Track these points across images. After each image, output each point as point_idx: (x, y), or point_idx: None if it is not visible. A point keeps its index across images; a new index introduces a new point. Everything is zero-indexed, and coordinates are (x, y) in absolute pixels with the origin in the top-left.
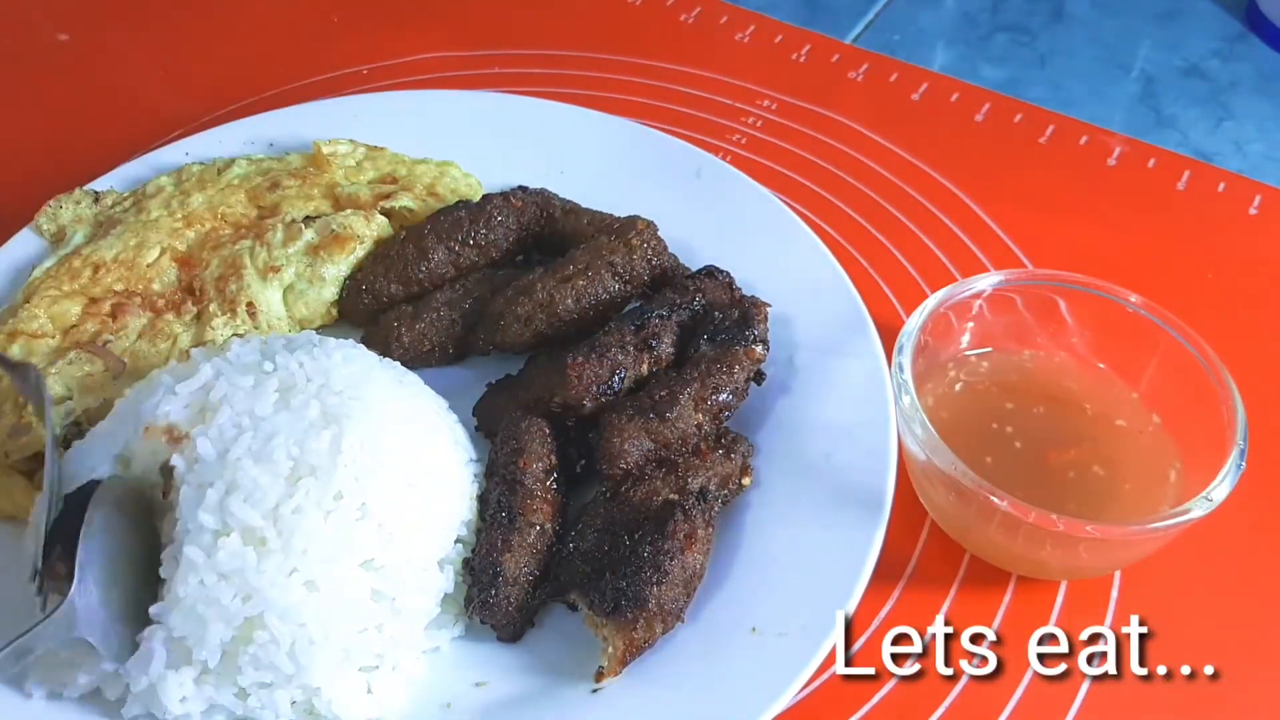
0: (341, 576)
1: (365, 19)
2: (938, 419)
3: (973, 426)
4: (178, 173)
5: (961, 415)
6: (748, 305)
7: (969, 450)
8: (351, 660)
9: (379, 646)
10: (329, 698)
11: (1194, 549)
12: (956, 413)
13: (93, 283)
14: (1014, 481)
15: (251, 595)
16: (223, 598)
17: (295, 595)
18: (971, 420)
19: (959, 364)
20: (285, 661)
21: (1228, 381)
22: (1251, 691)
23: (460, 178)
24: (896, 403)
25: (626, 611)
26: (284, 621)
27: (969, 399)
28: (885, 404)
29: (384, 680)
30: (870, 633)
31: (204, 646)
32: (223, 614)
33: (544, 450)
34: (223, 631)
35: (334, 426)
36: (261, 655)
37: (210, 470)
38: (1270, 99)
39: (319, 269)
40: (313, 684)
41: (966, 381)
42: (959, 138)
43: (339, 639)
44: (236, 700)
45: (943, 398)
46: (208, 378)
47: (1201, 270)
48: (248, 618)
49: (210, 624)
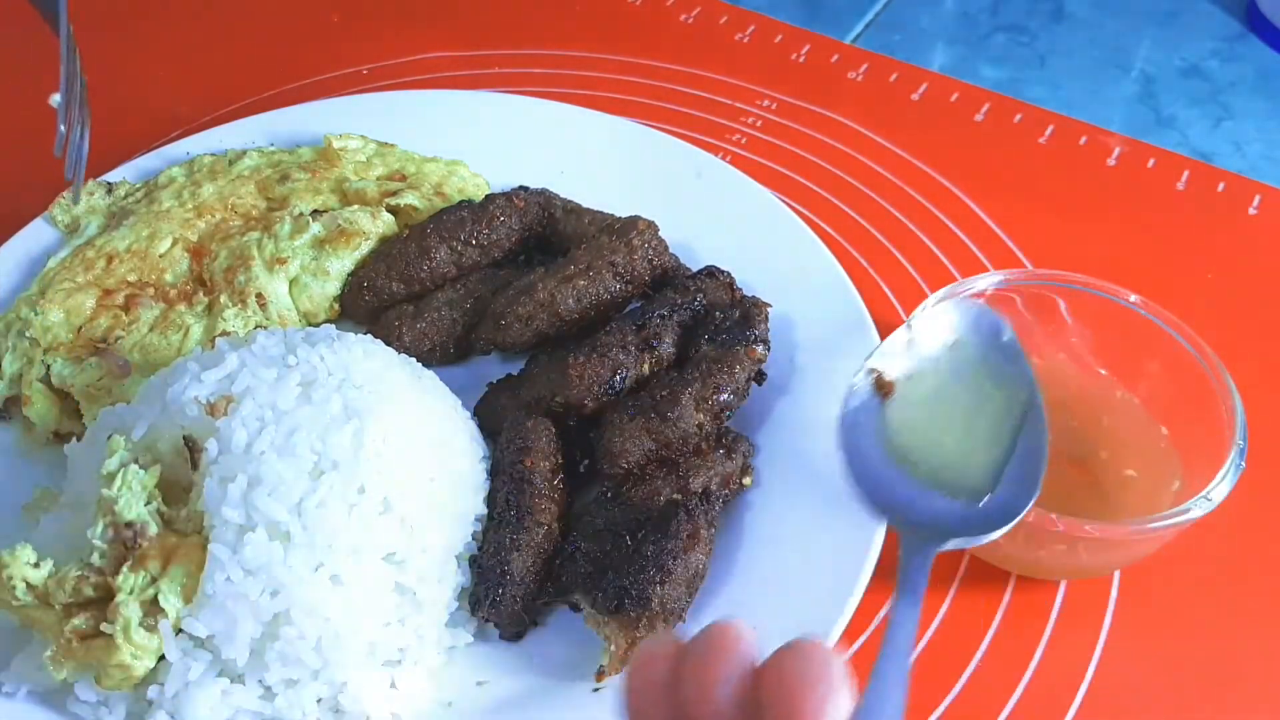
0: (365, 570)
1: (365, 19)
2: None
3: None
4: (189, 163)
5: None
6: (748, 305)
7: None
8: (376, 655)
9: (401, 640)
10: (355, 693)
11: (1194, 549)
12: None
13: (106, 274)
14: None
15: (279, 590)
16: (250, 593)
17: (321, 590)
18: None
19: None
20: (312, 657)
21: (1227, 381)
22: (1252, 691)
23: (468, 177)
24: None
25: (629, 610)
26: (310, 616)
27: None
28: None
29: (407, 675)
30: (870, 632)
31: (233, 644)
32: (252, 610)
33: (550, 449)
34: (252, 628)
35: (355, 421)
36: (289, 651)
37: (234, 464)
38: (1270, 99)
39: (324, 263)
40: (339, 679)
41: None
42: (959, 138)
43: (364, 633)
44: (263, 701)
45: None
46: (233, 368)
47: (1201, 270)
48: (276, 614)
49: (240, 621)
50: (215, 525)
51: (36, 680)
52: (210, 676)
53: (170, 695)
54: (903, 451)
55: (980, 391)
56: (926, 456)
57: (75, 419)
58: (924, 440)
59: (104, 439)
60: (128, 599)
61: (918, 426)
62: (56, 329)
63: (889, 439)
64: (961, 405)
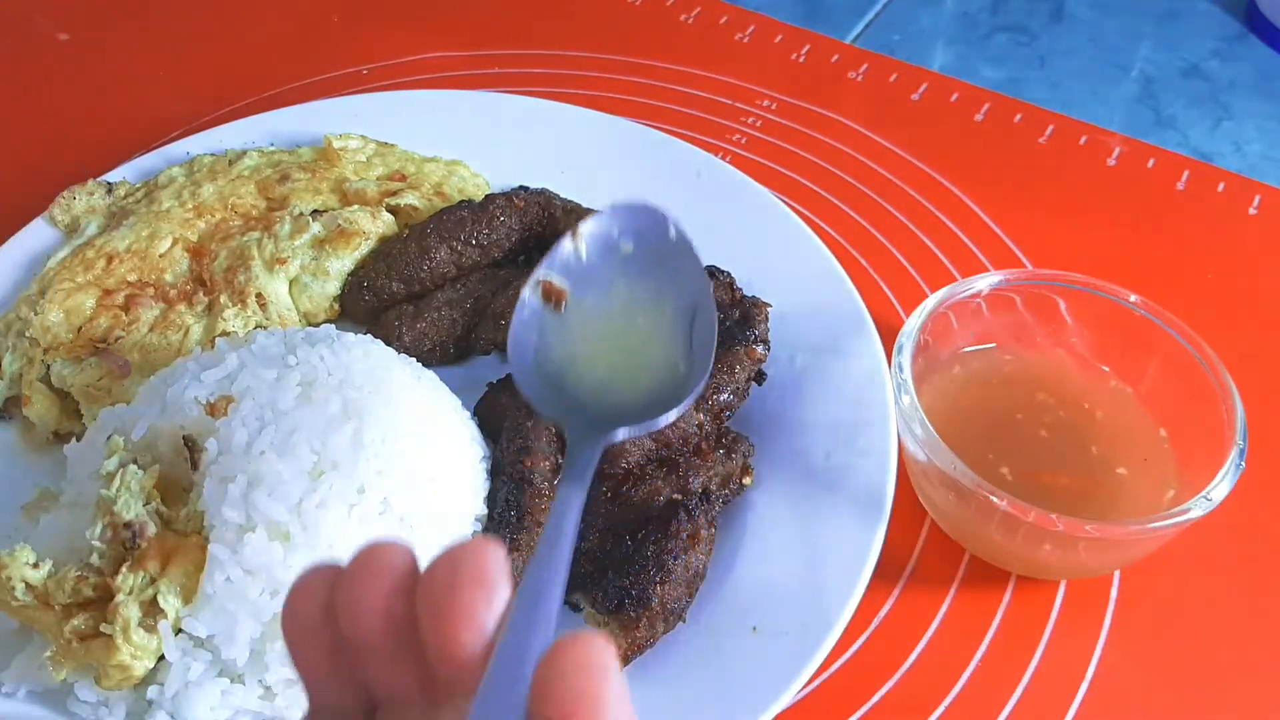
0: None
1: (365, 19)
2: (937, 419)
3: (972, 426)
4: (189, 163)
5: (961, 415)
6: (748, 305)
7: (968, 450)
8: None
9: None
10: None
11: (1194, 549)
12: (956, 413)
13: (106, 274)
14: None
15: (279, 590)
16: (250, 593)
17: None
18: (971, 420)
19: (959, 363)
20: None
21: (1227, 381)
22: (1252, 691)
23: (469, 177)
24: (896, 403)
25: (630, 610)
26: None
27: (969, 399)
28: (885, 404)
29: None
30: (870, 632)
31: (233, 644)
32: (252, 610)
33: (551, 449)
34: (252, 628)
35: (355, 421)
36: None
37: (234, 464)
38: (1270, 99)
39: (324, 263)
40: None
41: (966, 381)
42: (959, 138)
43: None
44: (263, 701)
45: (942, 397)
46: (233, 368)
47: (1201, 270)
48: (275, 614)
49: (240, 621)
50: (215, 525)
51: (36, 680)
52: (210, 676)
53: (170, 695)
54: (576, 354)
55: (651, 289)
56: (601, 356)
57: (75, 419)
58: (598, 342)
59: (104, 439)
60: (127, 599)
61: (590, 329)
62: (56, 329)
63: (563, 344)
64: (633, 305)
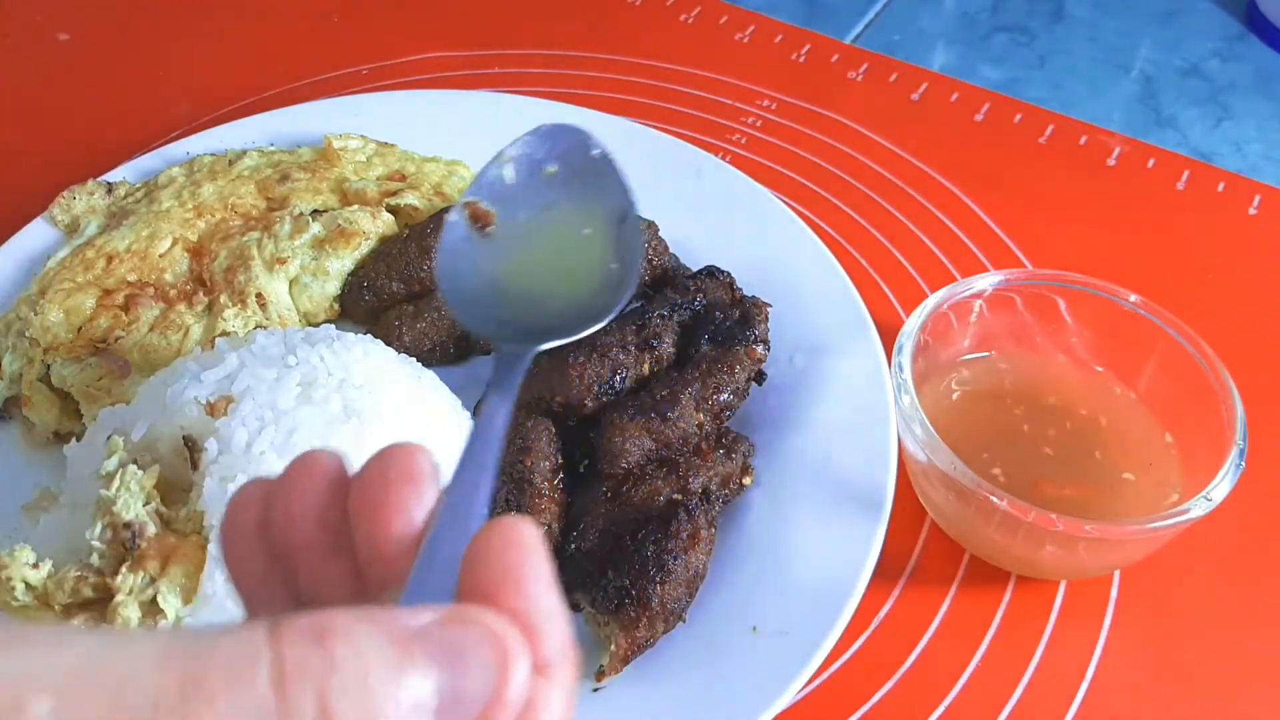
0: None
1: (365, 19)
2: (937, 419)
3: (973, 426)
4: (189, 163)
5: (961, 415)
6: (748, 305)
7: (968, 450)
8: None
9: None
10: None
11: (1194, 549)
12: (956, 412)
13: (106, 273)
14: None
15: None
16: None
17: None
18: (971, 420)
19: (959, 363)
20: None
21: (1227, 381)
22: (1253, 691)
23: (469, 177)
24: (896, 403)
25: (630, 610)
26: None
27: (969, 398)
28: (885, 404)
29: None
30: (870, 632)
31: None
32: None
33: (550, 449)
34: None
35: (355, 420)
36: None
37: (234, 463)
38: (1270, 99)
39: (324, 263)
40: None
41: (966, 381)
42: (959, 138)
43: None
44: None
45: (942, 397)
46: (233, 368)
47: (1201, 270)
48: None
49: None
50: (215, 525)
51: None
52: None
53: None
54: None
55: (577, 207)
56: (530, 274)
57: (75, 419)
58: (526, 260)
59: (104, 439)
60: (127, 599)
61: (518, 248)
62: (56, 329)
63: (492, 264)
64: (560, 223)
